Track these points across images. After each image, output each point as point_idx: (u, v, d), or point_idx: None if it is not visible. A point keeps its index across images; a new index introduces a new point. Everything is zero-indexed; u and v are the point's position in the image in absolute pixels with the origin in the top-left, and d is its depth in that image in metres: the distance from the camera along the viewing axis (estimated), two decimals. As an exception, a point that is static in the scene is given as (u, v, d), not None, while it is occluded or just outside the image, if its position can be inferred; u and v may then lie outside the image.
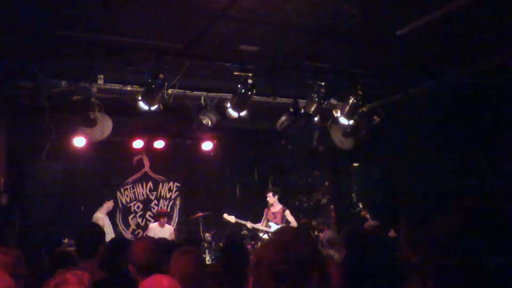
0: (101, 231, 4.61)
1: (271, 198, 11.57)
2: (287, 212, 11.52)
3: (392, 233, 8.57)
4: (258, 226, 11.45)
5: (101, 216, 10.95)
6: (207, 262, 10.33)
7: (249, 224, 11.46)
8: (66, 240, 9.64)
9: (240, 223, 11.60)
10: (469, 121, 9.02)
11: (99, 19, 6.83)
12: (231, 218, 11.59)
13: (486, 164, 8.76)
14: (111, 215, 12.21)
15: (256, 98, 9.10)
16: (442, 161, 9.65)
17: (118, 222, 13.24)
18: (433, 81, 9.16)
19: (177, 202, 14.17)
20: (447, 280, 1.51)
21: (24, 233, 9.04)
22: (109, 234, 9.97)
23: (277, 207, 11.58)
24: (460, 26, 7.16)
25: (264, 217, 11.63)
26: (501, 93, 8.42)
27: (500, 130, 8.57)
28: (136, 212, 13.63)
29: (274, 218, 11.45)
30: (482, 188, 8.55)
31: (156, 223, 11.74)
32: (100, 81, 8.56)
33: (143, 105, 8.61)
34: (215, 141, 12.75)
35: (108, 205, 11.36)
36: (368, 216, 10.61)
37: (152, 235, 11.07)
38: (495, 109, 8.55)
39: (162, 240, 7.22)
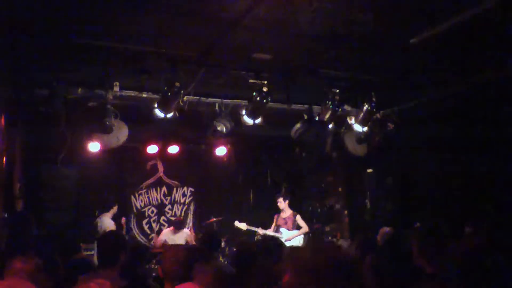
0: (122, 240, 4.65)
1: (282, 203, 11.61)
2: (298, 217, 11.55)
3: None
4: (269, 232, 11.48)
5: (112, 223, 10.94)
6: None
7: (260, 231, 11.49)
8: (83, 245, 9.69)
9: (251, 230, 11.64)
10: (484, 130, 9.00)
11: (115, 27, 6.90)
12: (242, 226, 11.64)
13: (500, 173, 8.74)
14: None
15: (271, 104, 9.14)
16: (456, 168, 9.65)
17: (132, 226, 13.32)
18: (447, 88, 9.15)
19: (191, 207, 14.24)
20: None
21: (40, 240, 9.12)
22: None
23: (287, 212, 11.61)
24: (473, 35, 7.17)
25: (274, 223, 11.66)
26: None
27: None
28: (150, 217, 13.71)
29: (285, 224, 11.47)
30: (496, 197, 8.55)
31: (170, 229, 11.78)
32: (116, 88, 8.62)
33: (159, 113, 8.67)
34: (229, 146, 12.79)
35: (114, 210, 11.36)
36: None
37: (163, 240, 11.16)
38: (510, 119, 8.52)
39: (193, 248, 7.21)
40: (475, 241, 1.71)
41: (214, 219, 12.44)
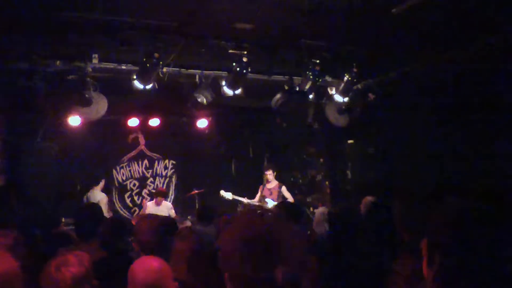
0: (100, 212, 4.63)
1: (272, 174, 11.65)
2: (284, 188, 11.59)
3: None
4: (254, 202, 11.53)
5: (104, 195, 10.90)
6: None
7: (246, 201, 11.54)
8: (63, 219, 9.65)
9: (237, 200, 11.67)
10: (464, 99, 8.98)
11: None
12: (228, 195, 11.65)
13: (479, 143, 8.75)
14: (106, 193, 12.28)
15: (251, 75, 9.09)
16: (436, 138, 9.66)
17: (114, 200, 13.29)
18: (428, 59, 9.13)
19: (173, 180, 14.24)
20: (452, 258, 1.71)
21: (21, 214, 9.06)
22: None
23: (273, 183, 11.65)
24: (457, 5, 7.13)
25: (259, 193, 11.70)
26: (499, 73, 8.33)
27: (494, 108, 8.52)
28: (132, 190, 13.68)
29: (271, 195, 11.51)
30: (476, 167, 8.58)
31: (152, 201, 11.76)
32: (95, 60, 8.51)
33: (138, 84, 8.60)
34: (210, 118, 12.73)
35: (102, 183, 11.32)
36: None
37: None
38: (491, 87, 8.49)
39: (168, 219, 7.21)
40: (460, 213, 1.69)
41: (196, 191, 12.44)
